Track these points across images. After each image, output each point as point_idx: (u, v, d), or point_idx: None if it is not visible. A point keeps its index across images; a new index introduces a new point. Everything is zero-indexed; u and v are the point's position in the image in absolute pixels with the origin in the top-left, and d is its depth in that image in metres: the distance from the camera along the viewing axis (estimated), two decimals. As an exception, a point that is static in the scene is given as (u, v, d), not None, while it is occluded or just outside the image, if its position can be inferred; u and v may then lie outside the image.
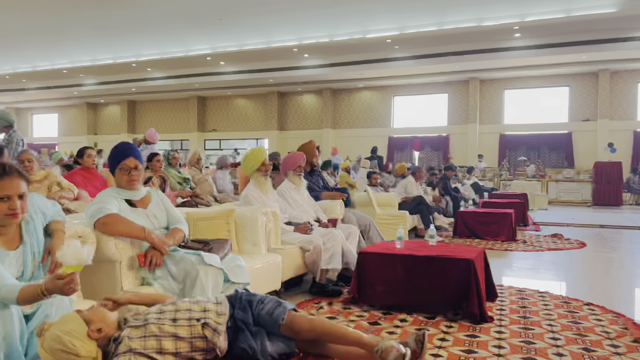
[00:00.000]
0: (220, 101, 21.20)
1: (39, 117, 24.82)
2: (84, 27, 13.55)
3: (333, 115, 19.30)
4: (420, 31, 13.23)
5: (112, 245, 2.65)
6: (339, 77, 17.27)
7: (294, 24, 13.23)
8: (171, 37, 14.56)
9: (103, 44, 15.36)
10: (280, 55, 15.60)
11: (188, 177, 6.78)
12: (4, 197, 1.95)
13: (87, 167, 5.20)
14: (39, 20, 13.38)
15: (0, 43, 15.99)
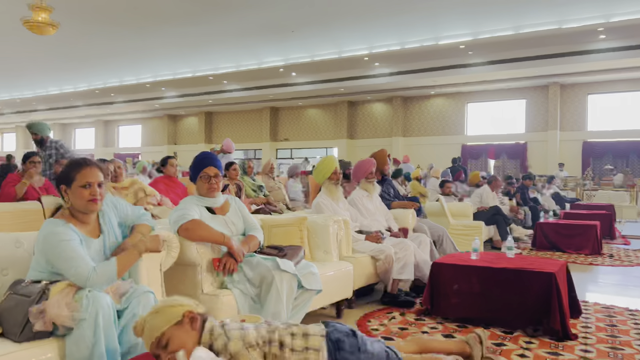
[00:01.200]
0: (291, 111, 21.65)
1: (124, 129, 26.53)
2: (167, 43, 14.39)
3: (403, 123, 19.11)
4: (496, 36, 12.82)
5: (194, 249, 2.78)
6: (410, 84, 17.09)
7: (365, 33, 13.28)
8: (246, 51, 15.10)
9: (183, 58, 16.22)
10: (351, 64, 15.70)
11: (262, 185, 6.99)
12: (85, 185, 2.17)
13: (170, 176, 5.49)
14: (127, 38, 14.39)
15: (93, 60, 17.35)
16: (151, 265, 2.60)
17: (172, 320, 1.79)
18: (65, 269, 2.08)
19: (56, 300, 1.94)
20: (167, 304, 1.86)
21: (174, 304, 1.86)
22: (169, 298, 1.94)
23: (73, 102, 22.76)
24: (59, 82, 20.45)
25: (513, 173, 14.28)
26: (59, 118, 25.92)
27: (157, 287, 2.62)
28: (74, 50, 16.43)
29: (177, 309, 1.83)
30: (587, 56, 13.51)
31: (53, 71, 18.99)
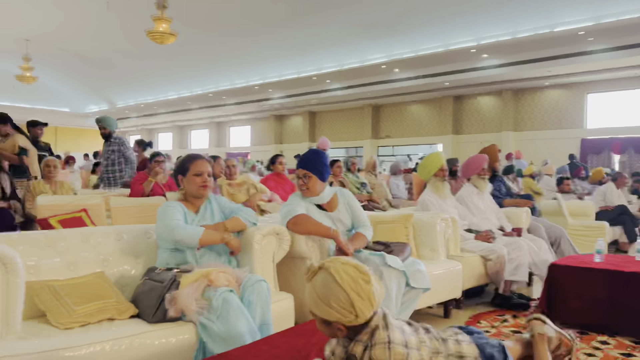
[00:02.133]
0: (393, 108, 21.44)
1: (234, 130, 28.03)
2: (274, 46, 14.99)
3: (514, 117, 18.06)
4: (622, 19, 11.64)
5: (303, 243, 2.88)
6: (521, 76, 16.09)
7: (472, 24, 12.76)
8: (349, 49, 15.23)
9: (289, 60, 16.78)
10: (457, 57, 15.16)
11: (365, 182, 7.02)
12: (199, 173, 2.62)
13: (279, 173, 5.72)
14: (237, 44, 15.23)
15: (207, 65, 18.60)
16: (265, 257, 2.75)
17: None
18: (162, 225, 2.48)
19: (187, 293, 2.13)
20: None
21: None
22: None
23: (189, 106, 24.51)
24: (177, 87, 22.17)
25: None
26: (176, 120, 28.06)
27: (270, 278, 2.76)
28: (189, 57, 17.74)
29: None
30: None
31: (171, 77, 20.65)
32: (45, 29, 16.72)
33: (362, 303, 1.36)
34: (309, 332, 1.92)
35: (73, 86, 24.87)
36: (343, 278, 1.36)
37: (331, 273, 1.38)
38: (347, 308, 1.36)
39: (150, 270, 2.43)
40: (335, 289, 1.36)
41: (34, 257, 2.31)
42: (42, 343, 1.86)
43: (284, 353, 1.68)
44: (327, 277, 1.37)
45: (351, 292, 1.36)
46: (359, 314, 1.36)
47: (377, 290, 1.40)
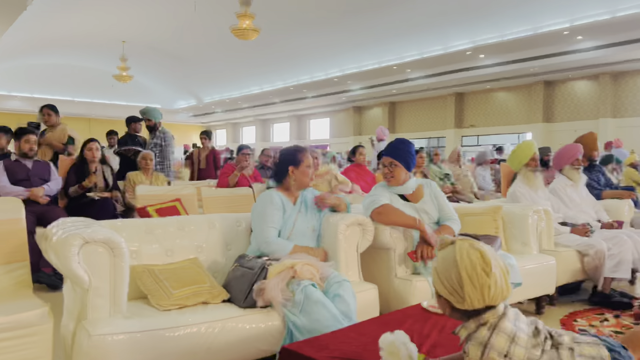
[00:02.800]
0: (478, 96, 20.62)
1: (314, 122, 28.38)
2: (353, 36, 14.96)
3: (613, 103, 16.70)
4: None
5: (387, 234, 2.86)
6: (621, 58, 14.82)
7: (565, 4, 11.94)
8: (431, 36, 14.84)
9: (368, 50, 16.67)
10: (548, 40, 14.25)
11: (449, 173, 6.82)
12: (310, 165, 2.75)
13: (359, 164, 5.72)
14: (317, 36, 15.36)
15: (288, 59, 18.96)
16: (349, 247, 2.76)
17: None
18: (257, 224, 2.62)
19: (274, 284, 2.20)
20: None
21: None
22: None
23: (271, 100, 25.14)
24: (260, 82, 22.81)
25: None
26: (259, 114, 28.91)
27: (354, 268, 2.77)
28: (272, 52, 18.20)
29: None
30: None
31: (255, 72, 21.29)
32: (139, 30, 17.89)
33: (472, 290, 1.30)
34: (397, 321, 1.90)
35: (164, 83, 26.42)
36: (463, 259, 1.31)
37: (455, 250, 1.34)
38: (456, 288, 1.31)
39: (241, 257, 2.54)
40: (451, 267, 1.32)
41: (135, 243, 2.49)
42: (144, 322, 2.00)
43: (372, 341, 1.67)
44: (450, 253, 1.34)
45: (464, 275, 1.30)
46: (466, 299, 1.31)
47: (497, 285, 1.31)
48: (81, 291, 2.05)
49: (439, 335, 1.74)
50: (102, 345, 1.85)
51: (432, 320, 1.93)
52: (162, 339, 1.96)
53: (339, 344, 1.64)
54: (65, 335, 2.25)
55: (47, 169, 4.34)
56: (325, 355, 1.54)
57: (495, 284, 1.31)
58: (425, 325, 1.84)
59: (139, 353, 1.91)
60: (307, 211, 2.77)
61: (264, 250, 2.55)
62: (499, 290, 1.31)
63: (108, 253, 2.04)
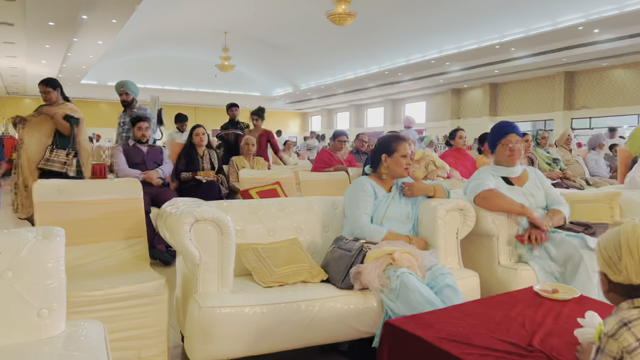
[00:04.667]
0: (591, 74, 18.93)
1: (409, 106, 27.82)
2: (451, 16, 14.37)
3: None
4: None
5: (490, 220, 2.74)
6: None
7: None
8: (537, 11, 13.84)
9: (468, 30, 15.93)
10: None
11: (557, 158, 6.38)
12: (405, 155, 2.69)
13: (459, 148, 5.52)
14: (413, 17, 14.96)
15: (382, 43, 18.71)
16: (448, 233, 2.69)
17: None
18: (350, 211, 2.63)
19: (371, 269, 2.21)
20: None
21: None
22: None
23: (365, 85, 25.01)
24: (354, 67, 22.76)
25: None
26: (353, 100, 28.91)
27: (454, 255, 2.70)
28: (366, 36, 18.05)
29: None
30: None
31: (349, 57, 21.28)
32: (240, 21, 18.61)
33: (631, 262, 1.23)
34: (507, 304, 1.80)
35: (262, 71, 27.32)
36: (626, 229, 1.26)
37: (623, 224, 1.29)
38: (614, 259, 1.25)
39: (338, 239, 2.57)
40: (613, 237, 1.28)
41: (240, 223, 2.62)
42: (249, 297, 2.11)
43: (480, 324, 1.60)
44: (616, 228, 1.30)
45: (624, 245, 1.24)
46: (622, 270, 1.24)
47: None
48: (192, 266, 2.20)
49: (553, 323, 1.63)
50: (211, 316, 1.98)
51: (546, 305, 1.80)
52: (265, 314, 2.05)
53: (444, 323, 1.59)
54: (178, 307, 2.44)
55: (160, 153, 4.69)
56: (432, 334, 1.49)
57: None
58: (538, 311, 1.73)
59: (244, 325, 2.02)
60: (401, 198, 2.73)
61: (357, 235, 2.57)
62: None
63: (216, 231, 2.17)
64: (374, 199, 2.67)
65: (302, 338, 2.13)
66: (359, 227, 2.57)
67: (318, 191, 4.50)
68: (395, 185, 2.77)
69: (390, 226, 2.64)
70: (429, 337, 1.47)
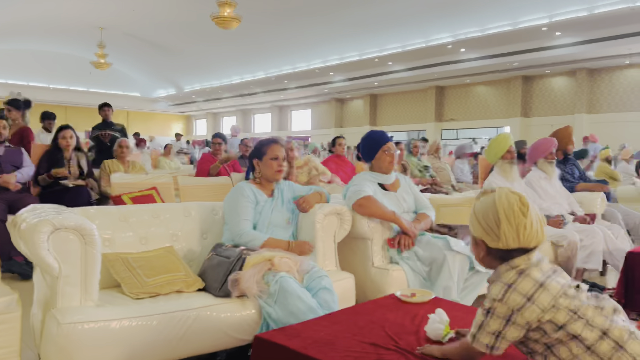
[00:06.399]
0: (458, 90, 20.79)
1: (296, 113, 28.30)
2: (335, 28, 14.91)
3: (589, 99, 17.01)
4: None
5: (365, 224, 2.87)
6: (597, 54, 15.10)
7: (545, 0, 12.08)
8: (412, 29, 14.89)
9: (350, 42, 16.64)
10: (527, 36, 14.43)
11: (428, 165, 6.88)
12: (275, 157, 2.66)
13: (339, 155, 5.72)
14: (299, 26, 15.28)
15: (269, 49, 18.82)
16: (326, 237, 2.76)
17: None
18: (230, 217, 2.59)
19: (250, 275, 2.19)
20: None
21: None
22: None
23: (252, 90, 24.96)
24: (241, 72, 22.62)
25: None
26: (240, 105, 28.70)
27: (331, 257, 2.77)
28: (253, 42, 18.04)
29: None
30: None
31: (236, 62, 21.10)
32: (118, 16, 17.54)
33: (508, 228, 1.34)
34: (370, 310, 1.92)
35: (143, 71, 26.02)
36: (501, 199, 1.37)
37: (494, 194, 1.40)
38: (492, 226, 1.36)
39: (217, 245, 2.51)
40: (490, 207, 1.37)
41: (109, 231, 2.44)
42: (116, 311, 1.97)
43: (344, 330, 1.68)
44: (490, 197, 1.40)
45: (502, 214, 1.35)
46: (501, 237, 1.35)
47: (533, 226, 1.36)
48: (51, 279, 2.00)
49: (410, 324, 1.77)
50: (72, 333, 1.82)
51: (405, 309, 1.95)
52: (135, 327, 1.93)
53: (310, 332, 1.65)
54: (34, 324, 2.20)
55: (19, 155, 4.23)
56: (297, 343, 1.54)
57: (531, 225, 1.36)
58: (398, 314, 1.87)
59: (111, 342, 1.88)
60: (282, 204, 2.75)
61: (237, 241, 2.54)
62: (534, 232, 1.36)
63: (79, 240, 2.00)
64: (255, 205, 2.65)
65: (176, 351, 2.03)
66: (239, 234, 2.54)
67: (199, 197, 4.35)
68: (277, 189, 2.78)
69: (273, 232, 2.64)
70: (295, 346, 1.52)
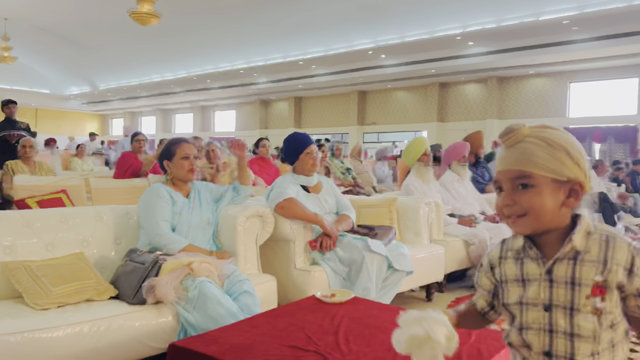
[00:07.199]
0: (379, 94, 21.41)
1: (219, 114, 27.76)
2: (260, 29, 14.81)
3: (499, 105, 18.18)
4: (606, 8, 11.72)
5: (288, 226, 2.87)
6: (506, 64, 16.17)
7: (458, 11, 12.74)
8: (335, 34, 15.12)
9: (275, 44, 16.60)
10: (443, 44, 15.16)
11: (350, 168, 7.02)
12: (186, 157, 2.62)
13: (263, 157, 5.68)
14: (222, 26, 15.01)
15: (191, 48, 18.32)
16: (248, 240, 2.73)
17: None
18: (146, 219, 2.48)
19: (166, 281, 2.11)
20: None
21: None
22: None
23: (173, 89, 24.17)
24: (161, 70, 21.83)
25: (622, 158, 13.10)
26: (160, 104, 27.69)
27: (253, 261, 2.74)
28: (173, 39, 17.46)
29: None
30: None
31: (155, 60, 20.33)
32: (26, 7, 16.29)
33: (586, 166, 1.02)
34: (291, 312, 1.92)
35: (53, 67, 24.35)
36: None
37: (551, 128, 1.08)
38: (584, 161, 1.01)
39: (131, 251, 2.40)
40: (571, 138, 1.04)
41: (9, 237, 2.26)
42: (16, 323, 1.82)
43: (264, 333, 1.66)
44: (552, 131, 1.07)
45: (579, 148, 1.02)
46: (587, 175, 1.01)
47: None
48: (-60, 292, 1.82)
49: (330, 324, 1.78)
50: (-35, 350, 1.66)
51: (325, 309, 1.96)
52: (38, 340, 1.79)
53: (229, 337, 1.62)
54: None
55: None
56: (214, 349, 1.51)
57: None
58: (318, 315, 1.87)
59: (10, 357, 1.73)
60: (201, 204, 2.69)
61: (156, 244, 2.44)
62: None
63: (-27, 248, 1.83)
64: (172, 205, 2.57)
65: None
66: (157, 235, 2.44)
67: (113, 200, 4.13)
68: (193, 191, 2.70)
69: (193, 234, 2.57)
70: (212, 352, 1.49)
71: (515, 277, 1.05)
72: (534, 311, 1.01)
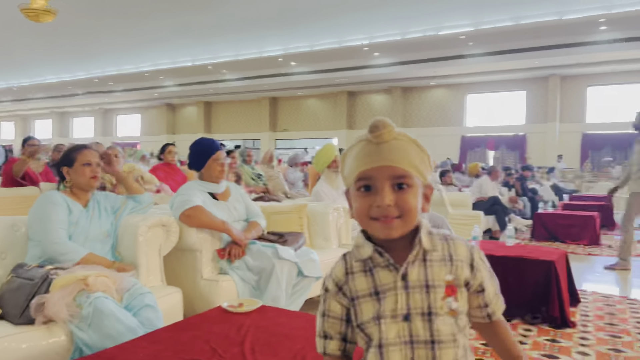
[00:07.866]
0: (291, 101, 21.58)
1: (123, 118, 26.43)
2: (166, 31, 14.29)
3: (403, 114, 19.07)
4: (497, 26, 12.76)
5: (194, 235, 2.78)
6: (409, 75, 17.04)
7: (365, 22, 13.21)
8: (246, 39, 15.02)
9: (183, 47, 16.13)
10: (351, 54, 15.63)
11: (261, 174, 6.97)
12: (87, 163, 2.47)
13: (169, 163, 5.48)
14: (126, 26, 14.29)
15: (91, 48, 17.24)
16: (150, 251, 2.60)
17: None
18: (40, 228, 2.30)
19: (57, 298, 1.94)
20: None
21: None
22: None
23: (71, 91, 22.65)
24: (57, 71, 20.35)
25: (512, 164, 14.28)
26: (56, 107, 25.81)
27: (156, 272, 2.62)
28: (72, 38, 16.34)
29: None
30: (587, 47, 13.46)
31: (51, 59, 18.89)
32: None
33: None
34: (195, 325, 1.85)
35: None
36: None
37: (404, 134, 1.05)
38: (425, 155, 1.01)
39: (18, 266, 2.19)
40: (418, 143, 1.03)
41: None
42: None
43: (165, 349, 1.59)
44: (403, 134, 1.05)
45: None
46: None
47: None
48: None
49: (236, 334, 1.75)
50: None
51: (232, 320, 1.92)
52: None
53: (128, 354, 1.52)
54: None
55: None
56: (113, 368, 1.41)
57: None
58: (224, 326, 1.83)
59: None
60: (100, 215, 2.54)
61: (51, 253, 2.24)
62: None
63: None
64: (69, 215, 2.39)
65: (-39, 394, 1.72)
66: (54, 243, 2.25)
67: (2, 211, 3.78)
68: (92, 200, 2.54)
69: (91, 245, 2.40)
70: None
71: (368, 290, 0.97)
72: (394, 324, 0.94)
